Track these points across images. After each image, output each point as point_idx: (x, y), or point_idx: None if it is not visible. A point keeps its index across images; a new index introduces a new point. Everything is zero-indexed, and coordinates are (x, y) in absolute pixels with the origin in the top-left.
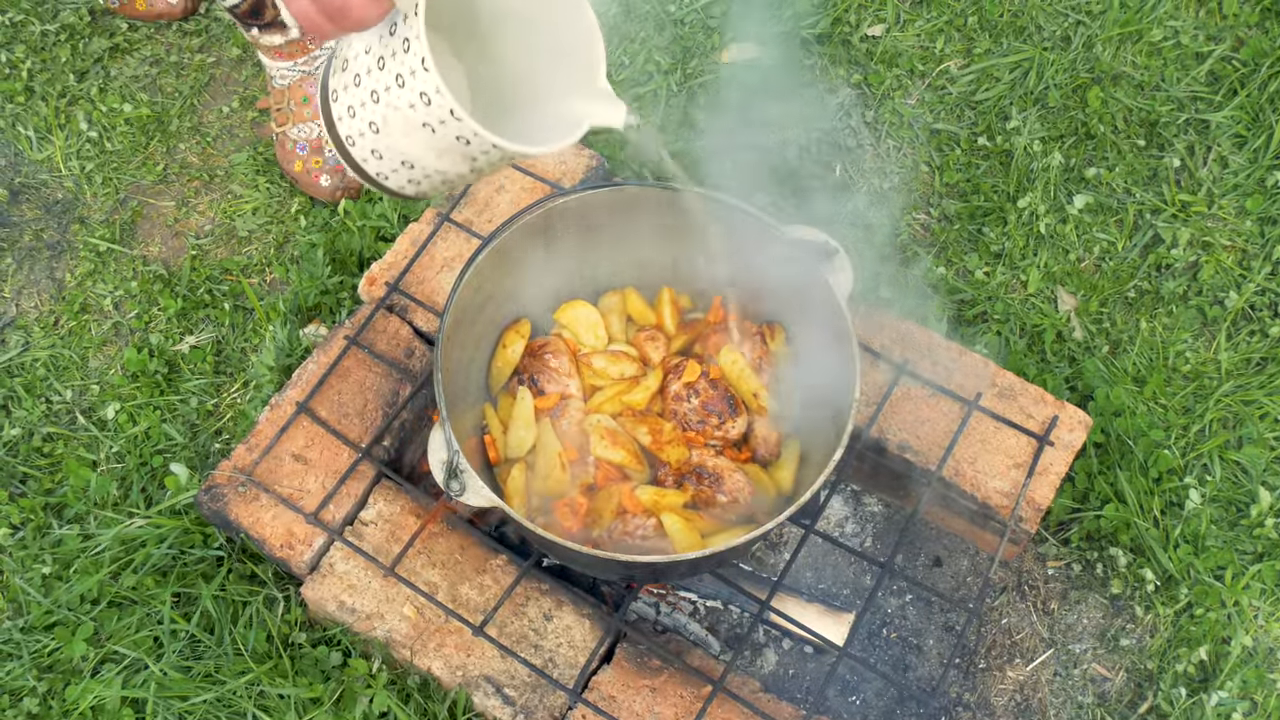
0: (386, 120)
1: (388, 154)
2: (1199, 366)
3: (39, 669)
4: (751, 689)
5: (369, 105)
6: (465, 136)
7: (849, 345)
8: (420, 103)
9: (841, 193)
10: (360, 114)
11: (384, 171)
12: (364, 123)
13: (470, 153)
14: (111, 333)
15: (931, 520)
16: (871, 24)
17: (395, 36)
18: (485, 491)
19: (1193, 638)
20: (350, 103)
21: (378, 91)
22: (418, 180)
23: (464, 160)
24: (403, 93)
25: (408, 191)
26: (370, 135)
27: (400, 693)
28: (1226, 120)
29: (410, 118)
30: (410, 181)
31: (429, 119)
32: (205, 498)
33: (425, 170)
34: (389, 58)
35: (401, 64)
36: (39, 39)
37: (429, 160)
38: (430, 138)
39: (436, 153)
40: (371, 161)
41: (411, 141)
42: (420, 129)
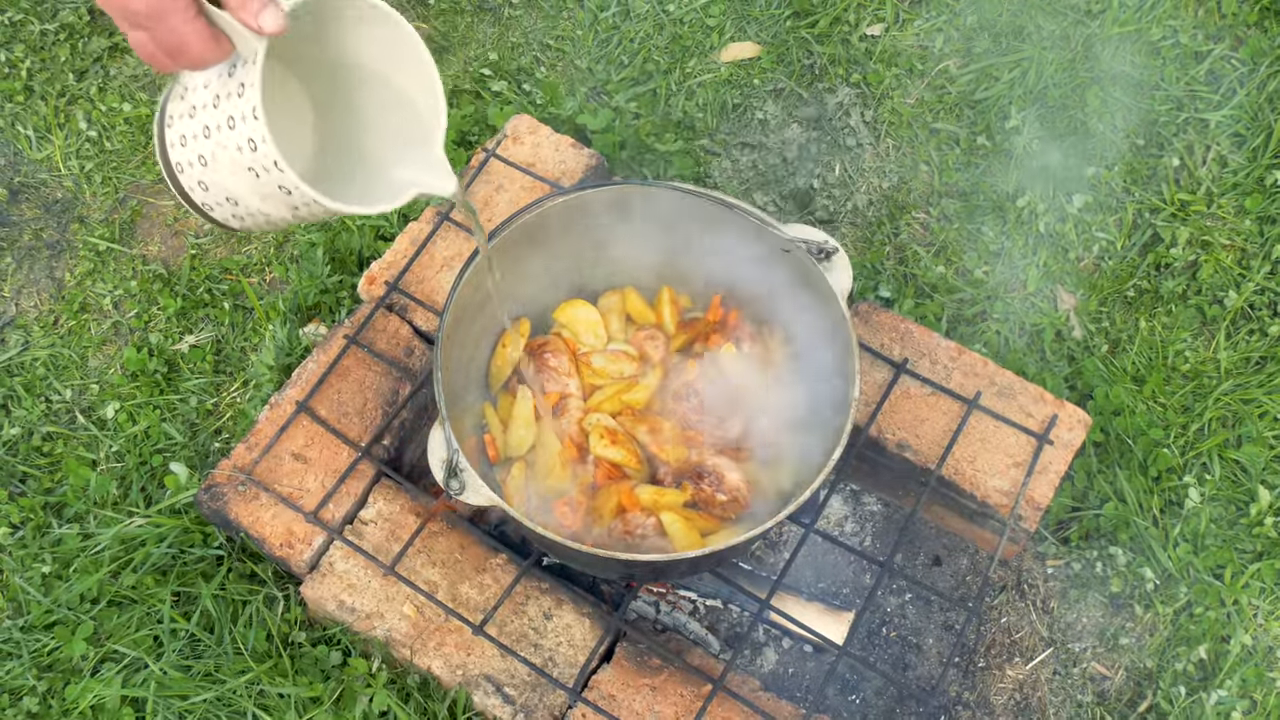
0: (215, 157)
1: (214, 189)
2: (1198, 365)
3: (39, 668)
4: (751, 688)
5: (200, 139)
6: (287, 187)
7: (848, 344)
8: (247, 148)
9: (841, 192)
10: (191, 145)
11: (209, 203)
12: (194, 154)
13: (292, 202)
14: (111, 332)
15: (931, 519)
16: (870, 23)
17: (233, 78)
18: (485, 490)
19: (1192, 636)
20: (183, 132)
21: (210, 128)
22: (241, 217)
23: (286, 208)
24: (232, 134)
25: (232, 225)
26: (199, 167)
27: (400, 692)
28: (1225, 119)
29: (237, 159)
30: (234, 216)
31: (254, 164)
32: (205, 497)
33: (249, 209)
34: (224, 98)
35: (235, 106)
36: (38, 38)
37: (253, 202)
38: (254, 182)
39: (260, 197)
40: (198, 192)
41: (237, 182)
42: (245, 172)
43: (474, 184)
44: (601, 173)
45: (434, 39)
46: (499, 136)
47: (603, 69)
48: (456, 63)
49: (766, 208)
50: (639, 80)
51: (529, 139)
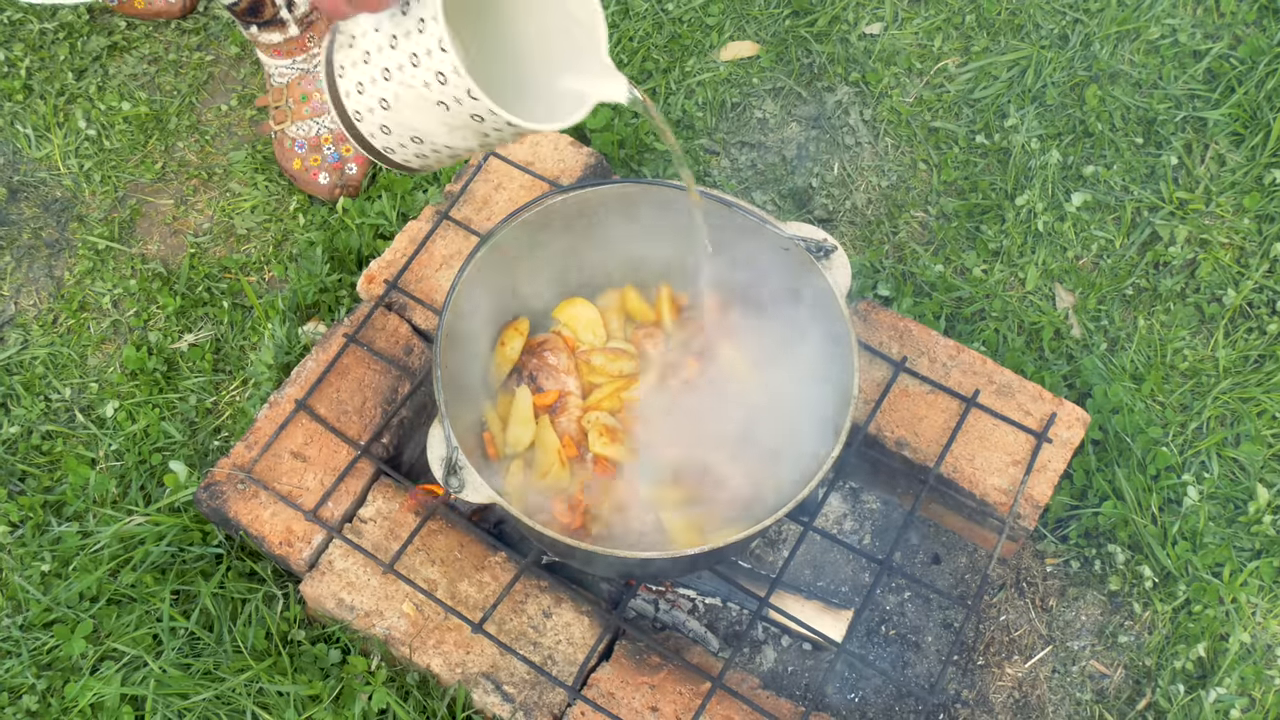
0: (398, 97)
1: (397, 129)
2: (1197, 364)
3: (38, 666)
4: (750, 686)
5: (379, 82)
6: (480, 114)
7: (847, 342)
8: (435, 82)
9: (840, 191)
10: (370, 90)
11: (392, 146)
12: (373, 99)
13: (483, 129)
14: (110, 331)
15: (930, 517)
16: (869, 22)
17: (408, 16)
18: (485, 488)
19: (1191, 634)
20: (359, 78)
21: (389, 69)
22: (425, 154)
23: (475, 136)
24: (417, 71)
25: (413, 165)
26: (380, 111)
27: (399, 690)
28: (1224, 118)
29: (424, 95)
30: (418, 155)
31: (444, 97)
32: (204, 495)
33: (434, 145)
34: (402, 37)
35: (416, 43)
36: (37, 37)
37: (440, 136)
38: (444, 115)
39: (449, 129)
40: (380, 136)
41: (424, 118)
42: (434, 107)
43: (473, 182)
44: (600, 171)
45: None
46: None
47: None
48: None
49: (765, 206)
50: (638, 79)
51: (528, 137)
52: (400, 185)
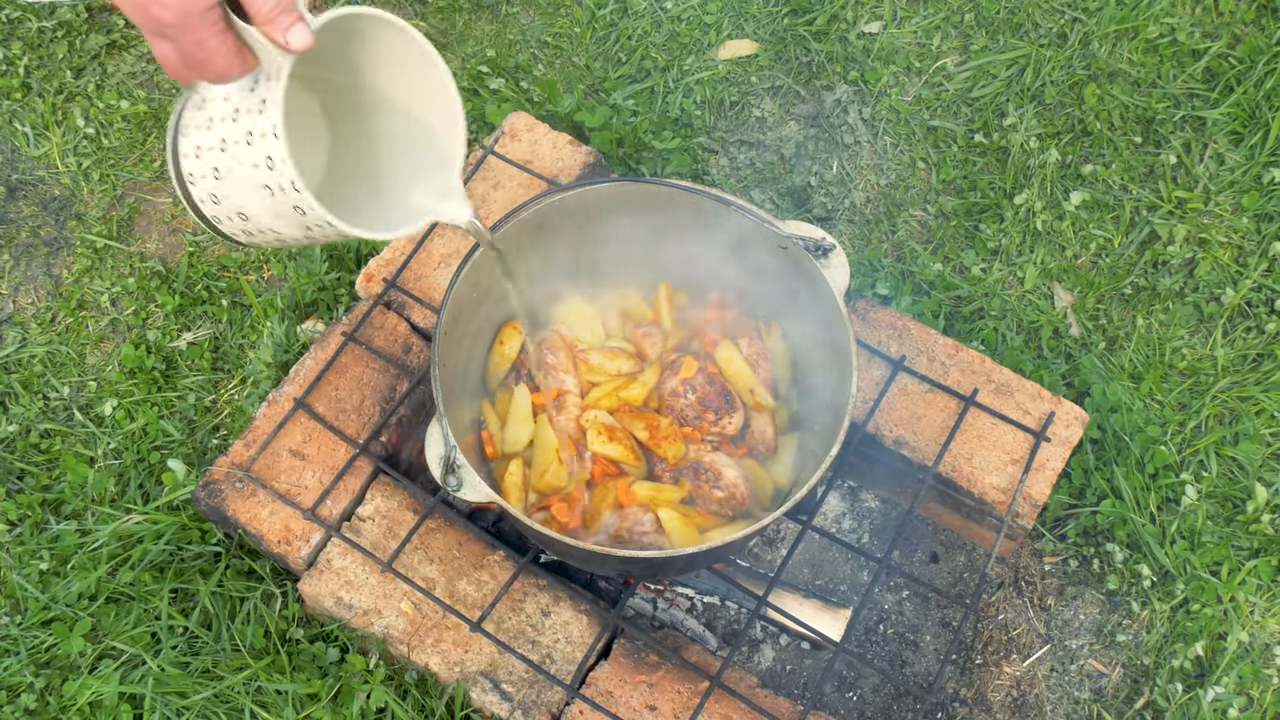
0: (230, 171)
1: (225, 202)
2: (1195, 363)
3: (37, 665)
4: (749, 685)
5: (215, 151)
6: (302, 208)
7: (846, 341)
8: (264, 165)
9: (839, 189)
10: (206, 157)
11: (219, 216)
12: (208, 166)
13: (306, 222)
14: (109, 329)
15: (928, 516)
16: (868, 21)
17: (254, 94)
18: (483, 487)
19: (1189, 633)
20: (199, 143)
21: (226, 141)
22: (251, 233)
23: (299, 227)
24: (249, 150)
25: (240, 239)
26: (211, 180)
27: (398, 688)
28: (1223, 117)
29: (253, 176)
30: (245, 232)
31: (269, 183)
32: (203, 494)
33: (260, 226)
34: (244, 112)
35: (254, 122)
36: (36, 35)
37: (265, 219)
38: (269, 199)
39: (274, 214)
40: (209, 204)
41: (250, 198)
42: (261, 189)
43: (472, 181)
44: (599, 170)
45: (431, 36)
46: (496, 134)
47: (600, 66)
48: (454, 60)
49: (764, 205)
50: (637, 77)
51: (526, 136)
52: None
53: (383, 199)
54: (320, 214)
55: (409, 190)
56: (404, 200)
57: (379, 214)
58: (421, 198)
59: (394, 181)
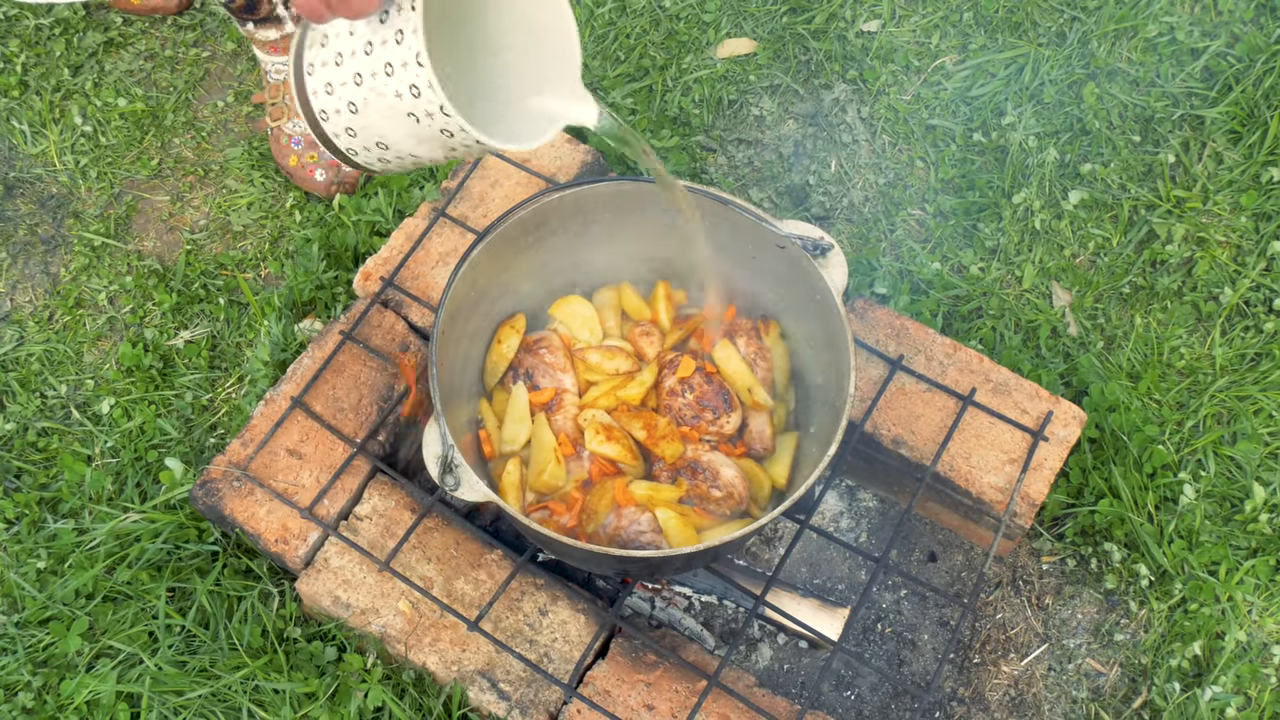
0: (368, 103)
1: (363, 133)
2: (1193, 362)
3: (34, 664)
4: (746, 684)
5: (350, 86)
6: (450, 130)
7: (844, 340)
8: (409, 93)
9: (837, 188)
10: (339, 92)
11: (355, 148)
12: (342, 101)
13: (450, 144)
14: (106, 327)
15: (926, 515)
16: (867, 19)
17: (386, 25)
18: (480, 486)
19: (1187, 633)
20: (329, 79)
21: (362, 74)
22: (388, 160)
23: (442, 149)
24: (390, 81)
25: (375, 167)
26: (347, 114)
27: (395, 687)
28: (1221, 116)
29: (395, 105)
30: (381, 160)
31: (415, 110)
32: (200, 492)
33: (399, 153)
34: (378, 44)
35: (392, 53)
36: (33, 33)
37: (406, 145)
38: (414, 127)
39: (416, 140)
40: (344, 138)
41: (392, 126)
42: (405, 118)
43: (469, 179)
44: (597, 168)
45: None
46: None
47: (599, 64)
48: None
49: (762, 204)
50: (635, 76)
51: None
52: (397, 182)
53: (510, 110)
54: (470, 134)
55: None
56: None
57: (512, 125)
58: (547, 103)
59: (519, 92)
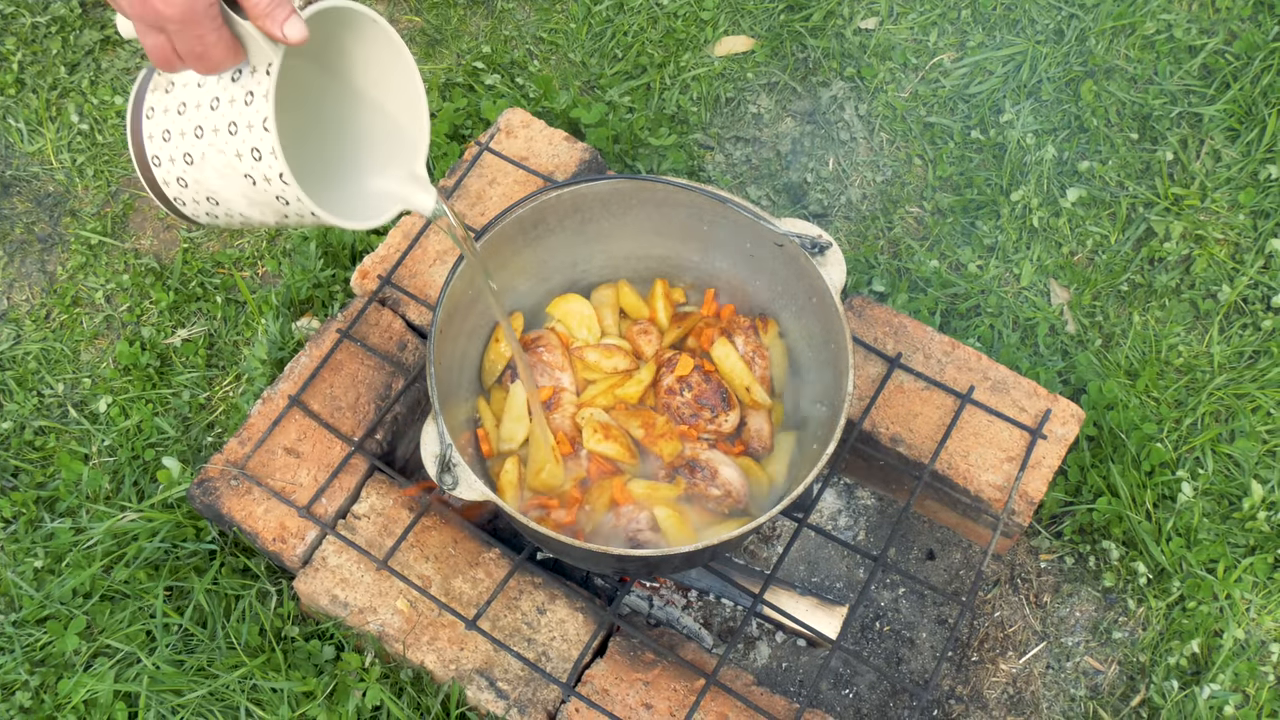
0: (205, 157)
1: (194, 186)
2: (1191, 360)
3: (31, 663)
4: (745, 682)
5: (189, 137)
6: (286, 198)
7: (842, 339)
8: (249, 156)
9: (835, 186)
10: (176, 141)
11: (183, 198)
12: (177, 150)
13: (284, 211)
14: (103, 326)
15: (924, 513)
16: (864, 17)
17: (237, 84)
18: (478, 485)
19: (1185, 630)
20: (168, 126)
21: (203, 128)
22: (216, 215)
23: (274, 214)
24: (232, 140)
25: (200, 220)
26: (181, 164)
27: (393, 686)
28: (1219, 114)
29: (234, 165)
30: (208, 214)
31: (253, 172)
32: (197, 491)
33: (229, 210)
34: (225, 101)
35: (239, 113)
36: (29, 31)
37: (238, 205)
38: (249, 188)
39: (249, 201)
40: (174, 186)
41: (226, 184)
42: (241, 179)
43: (467, 177)
44: (595, 167)
45: (426, 31)
46: (492, 130)
47: (596, 62)
48: (449, 55)
49: (760, 202)
50: (632, 74)
51: (522, 133)
52: None
53: (349, 187)
54: (307, 204)
55: (376, 179)
56: (372, 189)
57: (350, 202)
58: (390, 185)
59: (360, 170)
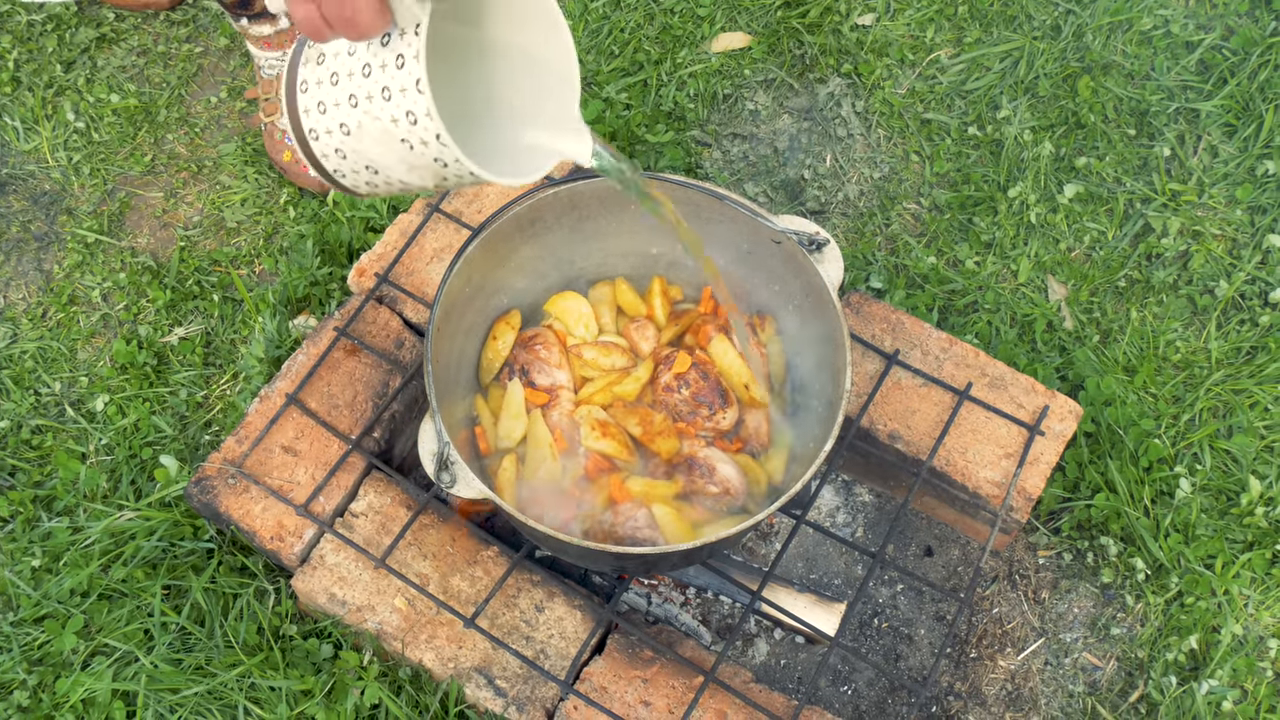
0: (361, 126)
1: (353, 156)
2: (1189, 355)
3: (29, 662)
4: (743, 679)
5: (344, 107)
6: (444, 160)
7: (840, 335)
8: (405, 120)
9: (832, 183)
10: (332, 112)
11: (343, 170)
12: (334, 121)
13: (443, 173)
14: (100, 324)
15: (922, 510)
16: (861, 13)
17: (387, 48)
18: (476, 483)
19: (1183, 626)
20: (322, 99)
21: (357, 96)
22: (376, 184)
23: (434, 177)
24: (387, 106)
25: (360, 190)
26: (338, 135)
27: (392, 685)
28: (1216, 109)
29: (390, 130)
30: (369, 184)
31: (410, 136)
32: (195, 490)
33: (388, 178)
34: (377, 67)
35: (391, 77)
36: (25, 29)
37: (396, 171)
38: (406, 153)
39: (408, 167)
40: (333, 159)
41: (384, 151)
42: (398, 144)
43: None
44: None
45: None
46: None
47: (593, 59)
48: None
49: (757, 198)
50: (629, 71)
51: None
52: None
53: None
54: (466, 165)
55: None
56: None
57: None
58: (544, 138)
59: (515, 124)
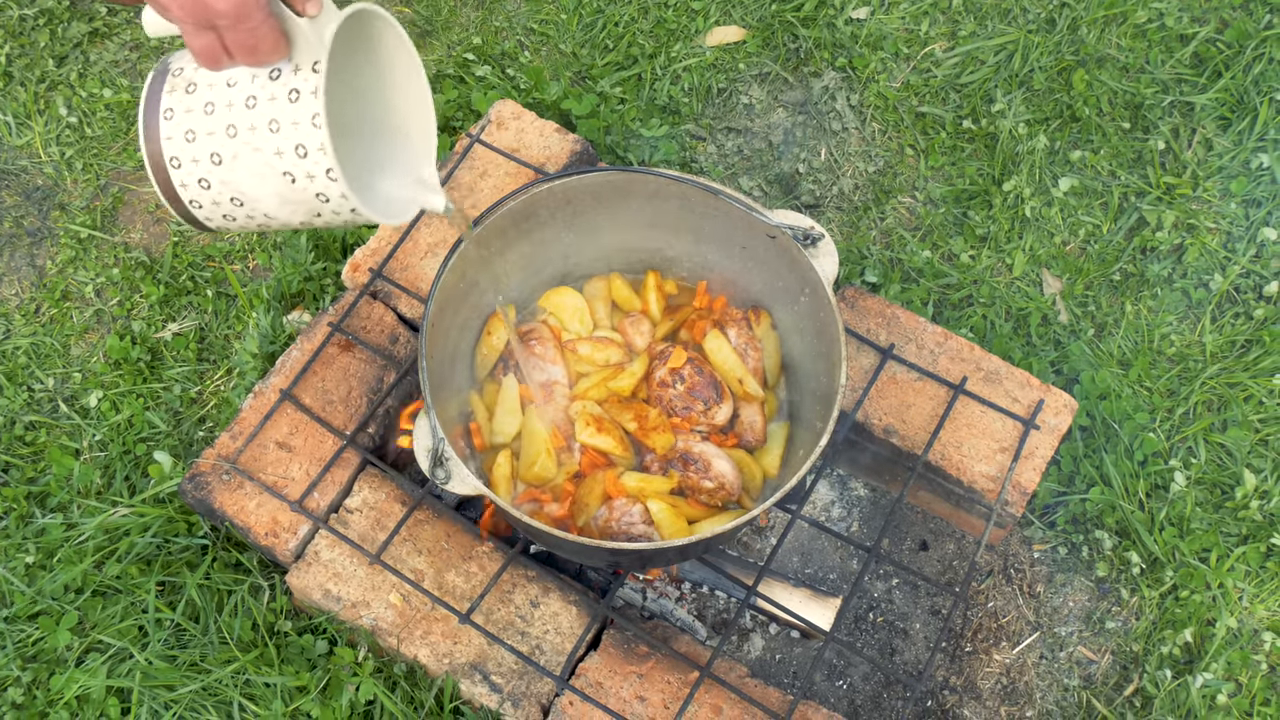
0: (238, 157)
1: (218, 187)
2: (1184, 349)
3: (23, 659)
4: (739, 674)
5: (218, 136)
6: (327, 195)
7: (835, 330)
8: (292, 153)
9: (827, 177)
10: (203, 141)
11: (201, 200)
12: (203, 150)
13: (318, 209)
14: (93, 320)
15: (917, 504)
16: (856, 6)
17: (277, 82)
18: (471, 479)
19: (1178, 620)
20: (192, 127)
21: (237, 127)
22: (235, 218)
23: (305, 214)
24: (273, 138)
25: (212, 224)
26: (206, 164)
27: (387, 681)
28: (1211, 102)
29: (271, 163)
30: (225, 216)
31: (295, 170)
32: (189, 486)
33: (252, 211)
34: (264, 100)
35: (281, 110)
36: (17, 23)
37: (267, 204)
38: (286, 187)
39: (281, 200)
40: (192, 188)
41: (258, 184)
42: (279, 177)
43: (458, 170)
44: (587, 158)
45: (417, 23)
46: (483, 122)
47: (587, 53)
48: (440, 47)
49: (752, 193)
50: (624, 65)
51: (513, 124)
52: None
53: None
54: (350, 201)
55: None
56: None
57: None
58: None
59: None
